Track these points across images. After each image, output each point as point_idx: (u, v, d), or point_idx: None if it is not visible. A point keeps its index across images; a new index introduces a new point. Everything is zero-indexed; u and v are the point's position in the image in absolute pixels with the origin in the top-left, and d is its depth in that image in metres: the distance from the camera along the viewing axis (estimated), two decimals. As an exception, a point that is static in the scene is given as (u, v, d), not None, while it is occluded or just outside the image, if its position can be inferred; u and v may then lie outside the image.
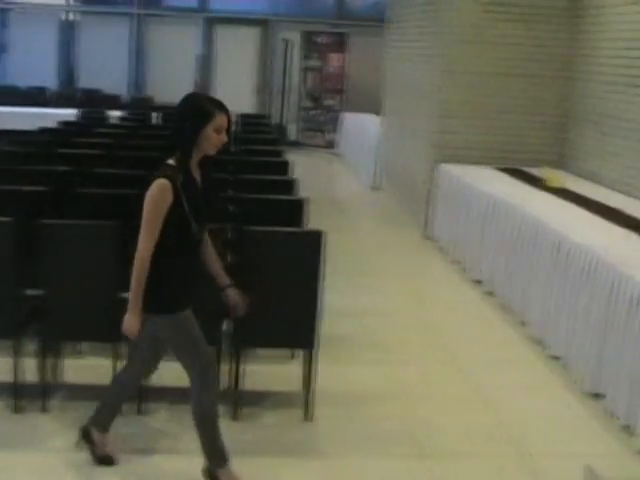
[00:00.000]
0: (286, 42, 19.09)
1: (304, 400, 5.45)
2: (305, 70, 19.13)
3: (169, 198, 4.18)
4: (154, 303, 4.32)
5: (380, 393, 6.02)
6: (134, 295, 4.27)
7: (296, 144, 18.30)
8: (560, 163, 10.61)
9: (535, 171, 9.89)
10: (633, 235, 6.81)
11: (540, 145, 10.75)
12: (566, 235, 6.76)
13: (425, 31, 11.77)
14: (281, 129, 18.37)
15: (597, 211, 7.81)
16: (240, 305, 4.68)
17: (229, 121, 4.32)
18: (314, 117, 19.09)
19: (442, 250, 10.02)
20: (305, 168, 16.03)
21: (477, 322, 7.80)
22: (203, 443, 4.48)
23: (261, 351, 6.05)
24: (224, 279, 4.65)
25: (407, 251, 10.33)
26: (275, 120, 18.47)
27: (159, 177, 4.20)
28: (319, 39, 19.13)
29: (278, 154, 9.48)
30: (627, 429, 5.51)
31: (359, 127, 15.84)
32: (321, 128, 18.96)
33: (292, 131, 19.04)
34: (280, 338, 5.42)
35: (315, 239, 5.19)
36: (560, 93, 10.73)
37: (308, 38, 19.03)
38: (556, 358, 6.69)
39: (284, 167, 8.43)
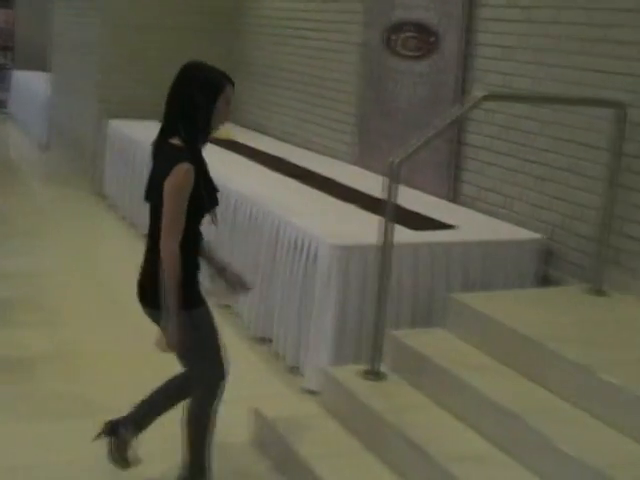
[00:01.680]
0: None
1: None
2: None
3: (192, 185, 3.72)
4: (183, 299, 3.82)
5: (46, 354, 5.86)
6: (171, 304, 3.76)
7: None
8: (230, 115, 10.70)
9: (204, 124, 9.93)
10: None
11: (209, 98, 10.77)
12: (231, 186, 6.84)
13: (86, -16, 11.51)
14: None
15: (262, 161, 7.96)
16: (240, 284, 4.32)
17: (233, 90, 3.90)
18: (-17, 76, 18.26)
19: (113, 207, 9.90)
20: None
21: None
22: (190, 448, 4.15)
23: None
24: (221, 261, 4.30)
25: (77, 209, 10.11)
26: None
27: (180, 161, 3.70)
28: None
29: None
30: (293, 370, 5.70)
31: (29, 85, 15.31)
32: (-9, 87, 18.18)
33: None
34: None
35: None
36: (226, 46, 10.78)
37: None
38: (227, 306, 6.78)
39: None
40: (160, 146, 3.90)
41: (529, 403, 4.26)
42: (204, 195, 3.83)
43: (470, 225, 6.03)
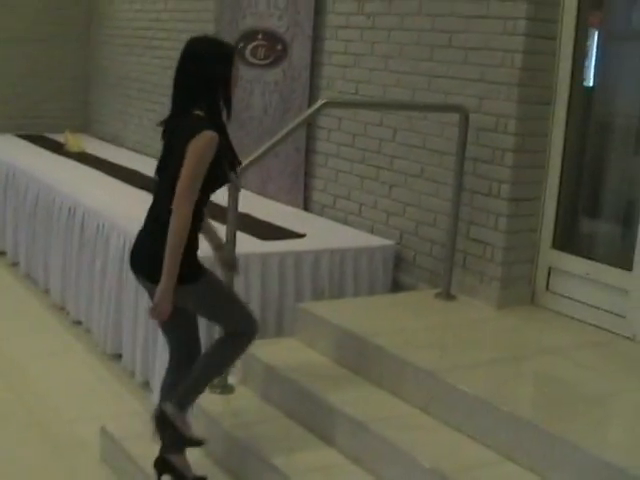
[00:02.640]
0: None
1: None
2: None
3: (214, 152, 3.68)
4: (188, 270, 3.76)
5: None
6: (172, 268, 3.65)
7: None
8: (84, 127, 10.57)
9: (58, 137, 9.75)
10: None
11: (63, 110, 10.60)
12: (80, 199, 6.67)
13: None
14: None
15: (114, 174, 7.80)
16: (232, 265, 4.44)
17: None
18: None
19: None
20: None
21: (1, 294, 7.55)
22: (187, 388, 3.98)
23: None
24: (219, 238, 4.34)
25: None
26: None
27: (205, 128, 3.67)
28: None
29: None
30: (145, 385, 5.57)
31: None
32: None
33: None
34: None
35: None
36: (79, 57, 10.63)
37: None
38: (78, 323, 6.63)
39: None
40: (177, 119, 3.85)
41: (378, 412, 4.24)
42: (219, 174, 3.81)
43: (321, 233, 6.00)
